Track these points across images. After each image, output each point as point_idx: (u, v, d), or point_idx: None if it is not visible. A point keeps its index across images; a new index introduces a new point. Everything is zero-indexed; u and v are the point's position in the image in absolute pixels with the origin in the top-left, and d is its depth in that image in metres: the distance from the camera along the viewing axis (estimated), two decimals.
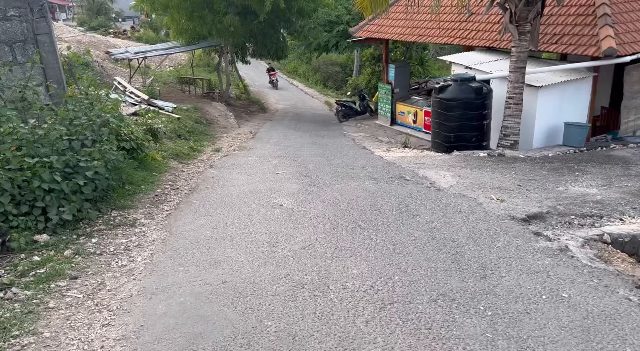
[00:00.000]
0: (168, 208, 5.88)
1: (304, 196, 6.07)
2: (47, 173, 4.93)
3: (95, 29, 34.93)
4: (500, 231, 4.73)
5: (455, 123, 10.33)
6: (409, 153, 10.32)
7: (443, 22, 13.22)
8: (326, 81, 28.45)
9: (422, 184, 6.60)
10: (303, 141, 13.08)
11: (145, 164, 7.66)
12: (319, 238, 4.65)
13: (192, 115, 15.38)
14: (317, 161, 8.89)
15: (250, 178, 7.30)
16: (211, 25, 17.39)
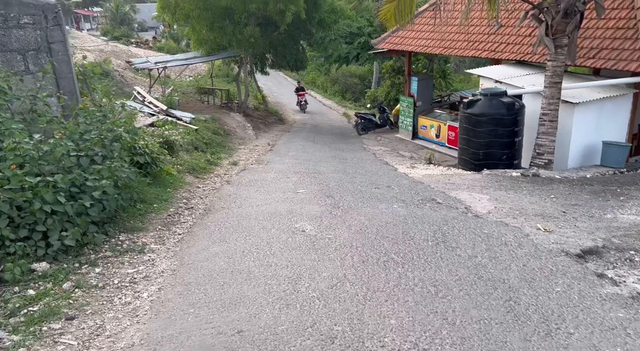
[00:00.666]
0: (181, 231, 5.33)
1: (327, 221, 5.46)
2: (50, 194, 4.43)
3: (117, 39, 35.10)
4: (556, 271, 4.06)
5: (484, 140, 9.66)
6: (434, 171, 9.67)
7: (470, 34, 12.59)
8: (344, 92, 27.95)
9: (456, 209, 5.95)
10: (322, 155, 12.51)
11: (160, 180, 7.16)
12: (348, 274, 4.04)
13: (209, 126, 14.95)
14: (339, 178, 8.29)
15: (269, 197, 6.73)
16: (231, 36, 17.03)
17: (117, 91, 17.87)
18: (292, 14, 16.07)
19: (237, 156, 11.90)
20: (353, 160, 11.55)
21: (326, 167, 9.96)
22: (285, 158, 11.53)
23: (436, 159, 11.97)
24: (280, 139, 16.23)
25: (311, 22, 18.06)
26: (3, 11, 6.43)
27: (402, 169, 9.93)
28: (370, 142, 15.52)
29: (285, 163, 10.47)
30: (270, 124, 19.64)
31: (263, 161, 10.71)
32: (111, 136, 5.61)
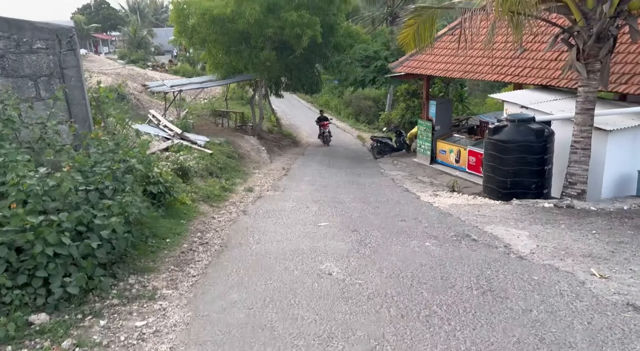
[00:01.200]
0: (195, 273, 4.80)
1: (355, 261, 4.91)
2: (54, 234, 3.96)
3: (134, 62, 35.40)
4: (629, 333, 3.45)
5: (512, 167, 9.08)
6: (460, 199, 9.08)
7: (492, 58, 12.14)
8: (358, 115, 27.60)
9: (495, 248, 5.36)
10: (339, 180, 12.00)
11: (173, 210, 6.69)
12: (387, 334, 3.46)
13: (224, 149, 14.58)
14: (361, 208, 7.75)
15: (289, 230, 6.20)
16: (247, 60, 16.82)
17: (133, 114, 17.67)
18: (308, 38, 15.83)
19: (252, 182, 11.44)
20: (372, 186, 11.01)
21: (345, 195, 9.43)
22: (301, 184, 11.03)
23: (459, 186, 11.39)
24: (294, 162, 15.79)
25: (327, 46, 17.83)
26: (16, 36, 6.11)
27: (425, 197, 9.36)
28: (387, 167, 15.00)
29: (302, 190, 9.97)
30: (284, 147, 19.26)
31: (279, 188, 10.22)
32: (123, 168, 5.17)
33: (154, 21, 48.51)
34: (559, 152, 9.21)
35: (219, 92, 29.50)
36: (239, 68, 17.45)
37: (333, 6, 16.87)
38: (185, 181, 8.63)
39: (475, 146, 13.37)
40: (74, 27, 6.96)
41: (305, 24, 15.81)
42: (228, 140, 16.42)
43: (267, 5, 15.84)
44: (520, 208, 7.83)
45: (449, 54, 13.53)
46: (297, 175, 12.88)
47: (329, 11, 17.02)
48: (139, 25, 39.76)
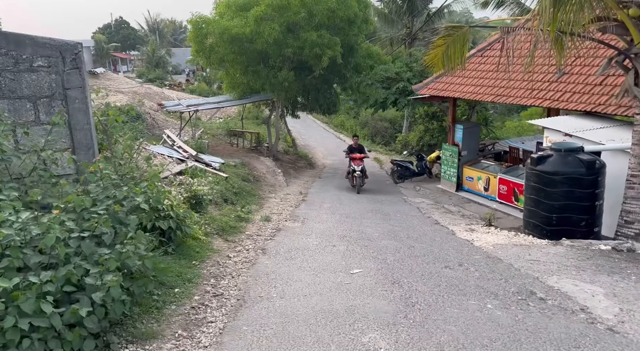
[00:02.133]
0: (207, 342, 3.83)
1: (405, 332, 3.90)
2: (31, 301, 3.06)
3: (152, 81, 35.14)
4: None
5: (558, 202, 8.04)
6: (500, 237, 8.03)
7: (526, 81, 11.21)
8: (374, 136, 26.73)
9: (573, 313, 4.31)
10: (361, 208, 11.02)
11: (184, 249, 5.77)
12: None
13: (239, 172, 13.73)
14: (394, 248, 6.74)
15: (318, 279, 5.23)
16: (265, 80, 16.10)
17: (148, 134, 16.99)
18: (328, 58, 15.09)
19: (268, 208, 10.51)
20: (397, 216, 10.01)
21: (372, 228, 8.44)
22: (322, 212, 10.07)
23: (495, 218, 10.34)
24: (312, 186, 14.88)
25: (346, 66, 17.08)
26: (14, 52, 5.33)
27: (460, 232, 8.33)
28: (410, 193, 14.00)
29: (324, 221, 8.99)
30: (300, 169, 18.39)
31: (299, 217, 9.26)
32: (127, 208, 4.28)
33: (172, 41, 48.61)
34: (609, 186, 8.16)
35: (234, 111, 28.92)
36: (256, 88, 16.75)
37: (354, 26, 16.16)
38: (199, 210, 7.74)
39: (507, 173, 12.36)
40: (83, 44, 6.18)
41: (326, 44, 15.10)
42: (243, 162, 15.61)
43: (287, 25, 15.17)
44: (574, 251, 6.76)
45: (478, 77, 12.63)
46: (316, 201, 11.94)
47: (350, 32, 16.31)
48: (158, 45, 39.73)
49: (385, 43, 26.22)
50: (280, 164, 17.46)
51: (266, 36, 14.84)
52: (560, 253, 6.60)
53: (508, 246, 7.03)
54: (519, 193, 11.82)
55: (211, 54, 16.02)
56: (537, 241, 7.55)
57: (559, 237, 8.01)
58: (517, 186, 11.80)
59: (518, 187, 11.80)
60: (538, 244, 7.28)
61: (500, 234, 8.25)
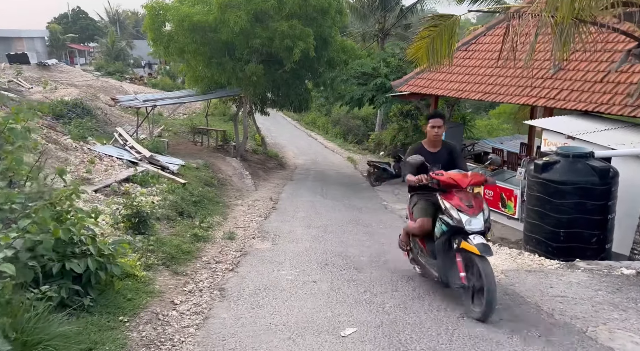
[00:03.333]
0: None
1: None
2: None
3: (111, 74, 32.59)
4: None
5: (567, 215, 6.88)
6: (503, 256, 6.81)
7: (517, 78, 10.09)
8: (346, 134, 25.43)
9: None
10: (339, 218, 9.62)
11: (109, 296, 4.13)
12: None
13: (202, 175, 12.06)
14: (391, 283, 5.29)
15: (295, 348, 3.71)
16: (231, 74, 14.43)
17: (99, 131, 15.01)
18: (300, 51, 13.58)
19: (233, 220, 8.95)
20: (381, 229, 8.68)
21: (356, 247, 7.04)
22: (295, 225, 8.59)
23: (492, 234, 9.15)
24: (283, 190, 13.36)
25: (319, 61, 15.62)
26: None
27: None
28: (389, 198, 12.72)
29: (298, 238, 7.50)
30: (270, 170, 16.82)
31: (268, 234, 7.73)
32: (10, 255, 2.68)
33: (134, 33, 45.51)
34: (621, 197, 7.08)
35: (199, 107, 26.94)
36: (221, 82, 15.04)
37: (327, 17, 14.70)
38: (143, 231, 6.11)
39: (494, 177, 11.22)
40: None
41: (297, 36, 13.59)
42: (207, 163, 13.91)
43: (255, 14, 13.56)
44: (597, 278, 5.57)
45: (462, 73, 11.45)
46: (288, 209, 10.45)
47: (323, 23, 14.85)
48: (118, 37, 36.87)
49: (358, 39, 24.91)
50: (248, 165, 15.85)
51: (232, 25, 13.19)
52: (584, 283, 5.40)
53: (520, 272, 5.77)
54: (506, 198, 10.74)
55: (170, 44, 14.22)
56: (547, 264, 6.34)
57: (567, 255, 6.87)
58: (505, 191, 10.72)
59: (505, 192, 10.72)
60: (552, 269, 6.05)
61: (502, 253, 7.02)
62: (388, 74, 14.12)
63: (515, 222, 10.44)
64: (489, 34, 11.63)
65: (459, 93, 10.99)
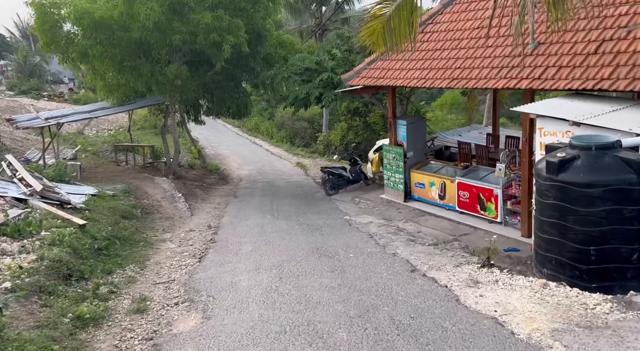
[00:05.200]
0: None
1: None
2: None
3: (25, 93, 28.11)
4: None
5: (598, 227, 5.00)
6: (524, 293, 4.79)
7: (489, 58, 8.23)
8: (293, 138, 23.08)
9: None
10: (297, 248, 7.30)
11: None
12: None
13: (119, 205, 9.27)
14: None
15: None
16: (149, 78, 11.61)
17: None
18: (230, 46, 11.06)
19: (154, 270, 6.34)
20: (352, 260, 6.45)
21: (327, 305, 4.74)
22: (239, 270, 6.16)
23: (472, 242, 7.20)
24: (225, 212, 10.79)
25: (255, 58, 13.16)
26: None
27: (458, 288, 4.98)
28: (350, 209, 10.53)
29: (243, 301, 5.04)
30: (210, 187, 14.12)
31: (199, 294, 5.21)
32: None
33: None
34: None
35: (126, 121, 23.50)
36: (139, 90, 12.17)
37: (260, 7, 12.28)
38: None
39: (466, 176, 9.39)
40: None
41: (225, 29, 11.06)
42: (129, 187, 11.07)
43: (170, 5, 10.87)
44: None
45: (422, 58, 9.47)
46: (230, 241, 7.96)
47: (255, 14, 12.41)
48: (31, 52, 32.05)
49: (295, 36, 22.61)
50: (182, 185, 13.09)
51: (142, 20, 10.44)
52: None
53: (567, 331, 3.73)
54: (485, 199, 8.91)
55: (69, 47, 11.16)
56: (591, 302, 4.38)
57: (602, 279, 5.01)
58: (482, 191, 8.89)
59: (483, 192, 8.89)
60: (611, 318, 4.07)
61: (519, 287, 5.01)
62: (335, 68, 11.95)
63: (499, 226, 8.62)
64: (447, 12, 9.76)
65: (422, 82, 8.98)
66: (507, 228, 8.57)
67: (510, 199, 8.65)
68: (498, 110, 12.32)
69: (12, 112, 19.33)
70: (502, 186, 8.60)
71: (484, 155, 10.42)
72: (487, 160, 10.34)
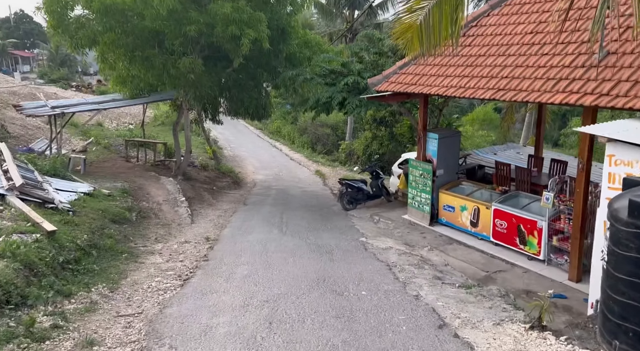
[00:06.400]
0: None
1: None
2: None
3: (55, 82, 28.00)
4: None
5: None
6: None
7: (543, 68, 6.83)
8: (314, 144, 21.91)
9: None
10: (300, 277, 6.06)
11: None
12: None
13: (110, 206, 8.26)
14: None
15: None
16: (161, 71, 10.65)
17: None
18: (250, 41, 9.98)
19: (126, 294, 5.23)
20: (363, 300, 5.17)
21: None
22: (222, 306, 4.96)
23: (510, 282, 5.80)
24: (229, 222, 9.65)
25: (277, 56, 12.07)
26: None
27: None
28: (368, 228, 9.24)
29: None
30: (220, 191, 13.06)
31: (160, 341, 4.04)
32: None
33: None
34: None
35: (149, 116, 22.84)
36: (150, 82, 11.24)
37: (285, 0, 11.18)
38: None
39: (505, 202, 7.97)
40: None
41: (245, 22, 9.99)
42: (129, 187, 10.11)
43: None
44: None
45: (463, 64, 8.11)
46: (225, 261, 6.79)
47: (279, 8, 11.33)
48: None
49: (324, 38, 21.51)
50: (191, 187, 12.06)
51: (156, 6, 9.47)
52: None
53: None
54: (526, 232, 7.47)
55: (78, 32, 10.32)
56: None
57: None
58: (523, 222, 7.47)
59: (524, 224, 7.46)
60: None
61: None
62: (362, 72, 10.70)
63: (541, 265, 7.18)
64: (495, 14, 8.40)
65: (461, 91, 7.62)
66: (550, 267, 7.13)
67: (556, 234, 7.20)
68: (542, 129, 10.80)
69: (32, 99, 18.89)
70: (549, 218, 7.16)
71: (525, 179, 8.96)
72: (528, 185, 8.89)
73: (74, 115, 17.98)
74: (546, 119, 13.24)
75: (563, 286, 6.57)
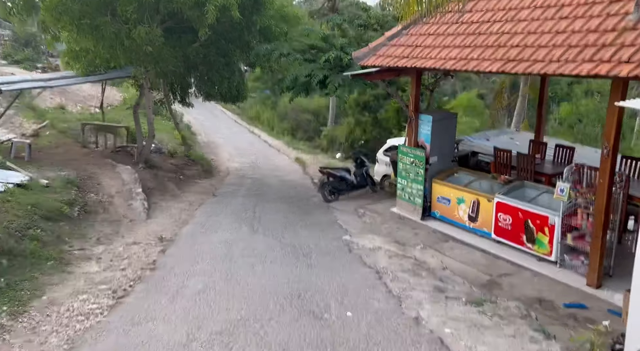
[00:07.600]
0: None
1: None
2: None
3: (18, 63, 25.63)
4: None
5: None
6: None
7: (563, 34, 5.55)
8: (295, 130, 20.43)
9: None
10: (269, 290, 4.71)
11: None
12: None
13: (45, 200, 6.73)
14: None
15: None
16: (113, 41, 8.98)
17: None
18: (216, 8, 8.41)
19: (26, 326, 3.91)
20: (348, 327, 3.87)
21: None
22: (157, 339, 3.60)
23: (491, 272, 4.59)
24: (192, 217, 8.18)
25: (250, 30, 10.50)
26: None
27: None
28: (352, 224, 7.94)
29: None
30: (187, 181, 11.51)
31: None
32: None
33: None
34: None
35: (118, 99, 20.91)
36: (103, 56, 9.55)
37: None
38: None
39: (510, 194, 6.76)
40: None
41: None
42: (78, 175, 8.54)
43: None
44: None
45: (463, 33, 6.75)
46: (175, 271, 5.38)
47: None
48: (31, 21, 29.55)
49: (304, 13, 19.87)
50: (154, 176, 10.50)
51: None
52: None
53: None
54: (535, 229, 6.28)
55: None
56: None
57: None
58: (533, 217, 6.31)
59: (533, 219, 6.29)
60: None
61: None
62: (345, 46, 9.25)
63: (552, 267, 6.02)
64: None
65: (463, 64, 6.27)
66: (564, 270, 5.99)
67: (570, 230, 6.04)
68: (544, 110, 9.58)
69: None
70: (563, 213, 5.97)
71: (528, 167, 7.77)
72: (531, 174, 7.71)
73: (34, 99, 16.09)
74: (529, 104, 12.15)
75: (581, 293, 5.47)
